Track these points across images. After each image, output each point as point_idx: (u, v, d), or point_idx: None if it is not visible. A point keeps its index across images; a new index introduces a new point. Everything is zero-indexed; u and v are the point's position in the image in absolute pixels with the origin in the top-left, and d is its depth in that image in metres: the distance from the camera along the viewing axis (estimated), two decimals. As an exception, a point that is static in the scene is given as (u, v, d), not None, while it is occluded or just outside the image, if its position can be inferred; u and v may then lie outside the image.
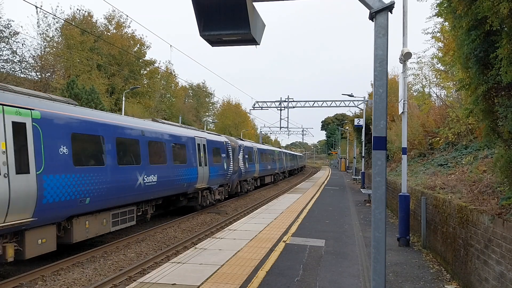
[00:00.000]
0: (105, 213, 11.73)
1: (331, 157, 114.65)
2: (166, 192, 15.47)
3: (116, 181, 11.83)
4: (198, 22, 4.49)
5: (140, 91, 51.13)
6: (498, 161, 5.73)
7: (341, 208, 17.77)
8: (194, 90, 78.00)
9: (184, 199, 17.79)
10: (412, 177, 13.42)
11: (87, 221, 10.92)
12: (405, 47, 9.96)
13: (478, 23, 5.42)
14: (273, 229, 12.11)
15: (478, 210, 6.14)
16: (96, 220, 11.35)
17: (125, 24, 52.54)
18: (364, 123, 29.95)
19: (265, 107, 43.72)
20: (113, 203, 11.91)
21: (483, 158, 10.01)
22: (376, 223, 4.32)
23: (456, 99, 16.26)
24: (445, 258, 8.04)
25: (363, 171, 30.24)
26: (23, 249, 8.77)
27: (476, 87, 5.85)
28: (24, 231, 8.82)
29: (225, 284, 6.84)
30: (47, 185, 9.15)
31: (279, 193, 29.83)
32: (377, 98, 4.34)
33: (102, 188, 11.14)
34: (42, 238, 9.37)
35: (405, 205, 10.32)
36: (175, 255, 11.28)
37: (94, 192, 10.77)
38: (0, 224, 7.91)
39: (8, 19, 38.25)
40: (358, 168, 39.40)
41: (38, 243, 9.23)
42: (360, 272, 7.80)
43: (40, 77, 37.18)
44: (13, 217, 8.24)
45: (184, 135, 17.49)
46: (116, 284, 8.86)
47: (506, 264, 5.07)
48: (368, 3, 4.29)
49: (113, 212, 12.09)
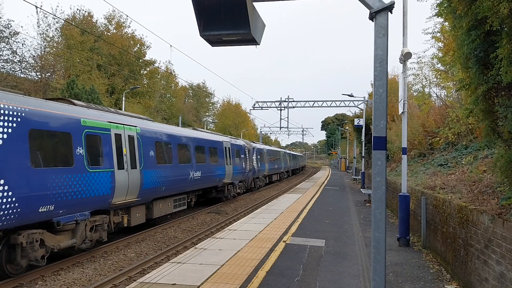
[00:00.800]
0: (170, 199, 15.95)
1: (331, 157, 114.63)
2: (205, 185, 19.76)
3: (178, 175, 16.15)
4: (198, 22, 4.49)
5: (140, 91, 51.11)
6: (498, 161, 5.73)
7: (341, 208, 17.76)
8: (194, 90, 77.99)
9: (214, 192, 21.98)
10: (412, 177, 13.42)
11: (160, 203, 15.06)
12: (405, 47, 9.96)
13: (478, 23, 5.42)
14: (273, 229, 12.11)
15: (478, 210, 6.14)
16: (165, 203, 15.55)
17: (125, 24, 52.59)
18: (364, 123, 29.95)
19: (265, 107, 43.71)
20: (175, 191, 16.09)
21: (483, 158, 10.01)
22: (376, 223, 4.32)
23: (456, 99, 16.27)
24: (445, 258, 8.03)
25: (363, 171, 30.24)
26: (130, 220, 12.80)
27: (476, 87, 5.85)
28: (130, 208, 12.87)
29: (225, 284, 6.84)
30: (145, 176, 13.30)
31: (279, 193, 29.82)
32: (377, 98, 4.34)
33: (170, 180, 15.31)
34: (138, 213, 13.45)
35: (405, 205, 10.32)
36: (175, 255, 11.28)
37: (166, 183, 14.94)
38: (122, 201, 12.08)
39: (8, 19, 38.30)
40: (358, 168, 39.41)
41: (137, 216, 13.32)
42: (360, 272, 7.80)
43: (40, 77, 37.18)
44: (129, 197, 12.46)
45: (215, 140, 22.05)
46: (116, 284, 8.86)
47: (506, 264, 5.07)
48: (368, 3, 4.29)
49: (174, 198, 16.33)
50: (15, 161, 8.31)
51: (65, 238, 10.02)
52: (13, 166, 8.24)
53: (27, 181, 8.55)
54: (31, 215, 8.67)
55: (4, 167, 8.04)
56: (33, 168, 8.76)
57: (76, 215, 10.05)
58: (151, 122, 15.35)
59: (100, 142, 11.32)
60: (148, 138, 13.99)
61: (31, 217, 8.71)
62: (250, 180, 29.48)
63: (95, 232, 11.05)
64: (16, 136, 8.38)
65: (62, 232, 9.86)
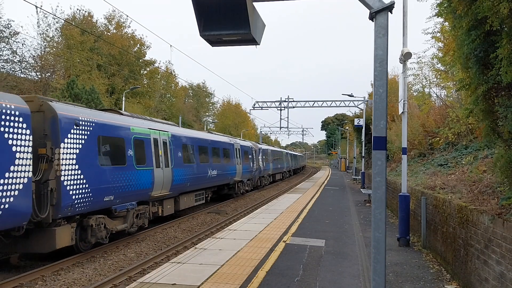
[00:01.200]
0: (192, 194, 18.24)
1: (331, 157, 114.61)
2: (220, 182, 22.20)
3: (199, 173, 18.59)
4: (198, 22, 4.49)
5: (140, 91, 51.10)
6: (498, 161, 5.72)
7: (341, 208, 17.77)
8: (194, 90, 77.98)
9: (226, 189, 24.30)
10: (412, 177, 13.42)
11: (185, 197, 17.42)
12: (405, 47, 9.96)
13: (478, 23, 5.42)
14: (273, 229, 12.11)
15: (478, 210, 6.13)
16: (189, 197, 17.88)
17: (125, 24, 52.58)
18: (364, 123, 29.94)
19: (265, 107, 43.63)
20: (196, 187, 18.47)
21: (483, 158, 10.01)
22: (376, 223, 4.32)
23: (456, 99, 16.26)
24: (445, 258, 8.03)
25: (363, 171, 30.23)
26: (163, 210, 15.09)
27: (476, 87, 5.85)
28: (163, 200, 15.12)
29: (225, 284, 6.84)
30: (175, 174, 15.66)
31: (279, 193, 29.82)
32: (377, 98, 4.34)
33: (193, 177, 17.76)
34: (169, 205, 15.76)
35: (405, 205, 10.32)
36: (175, 255, 11.28)
37: (190, 180, 17.36)
38: (158, 194, 14.37)
39: (8, 19, 38.35)
40: (358, 168, 39.41)
41: (167, 207, 15.55)
42: (360, 272, 7.80)
43: (40, 77, 37.20)
44: (163, 191, 14.73)
45: (228, 142, 24.63)
46: (116, 284, 8.86)
47: (506, 264, 5.07)
48: (368, 3, 4.29)
49: (195, 193, 18.65)
50: (89, 161, 10.67)
51: (119, 223, 12.33)
52: (89, 165, 10.61)
53: (97, 177, 10.93)
54: (99, 203, 11.08)
55: (83, 166, 10.35)
56: (101, 166, 11.13)
57: (127, 204, 12.40)
58: (178, 128, 18.56)
59: (143, 145, 13.66)
60: (177, 141, 16.54)
61: (99, 205, 11.12)
62: (257, 179, 31.66)
63: (139, 219, 13.40)
64: (90, 142, 10.79)
65: (117, 218, 12.22)
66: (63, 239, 9.85)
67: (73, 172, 10.01)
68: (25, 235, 9.28)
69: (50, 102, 9.95)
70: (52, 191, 9.39)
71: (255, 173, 30.54)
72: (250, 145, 30.41)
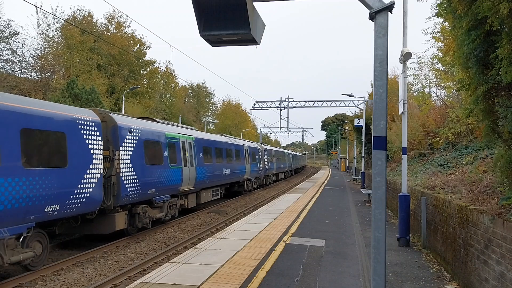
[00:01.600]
0: (210, 189, 20.84)
1: (331, 157, 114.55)
2: (232, 180, 24.87)
3: (216, 171, 21.24)
4: (198, 22, 4.49)
5: (140, 91, 51.06)
6: (498, 161, 5.72)
7: (341, 208, 17.76)
8: (194, 90, 77.94)
9: (236, 186, 26.90)
10: (412, 177, 13.42)
11: (205, 192, 19.99)
12: (405, 47, 9.96)
13: (478, 23, 5.42)
14: (273, 229, 12.11)
15: (478, 210, 6.13)
16: (207, 192, 20.51)
17: (125, 24, 52.51)
18: (364, 123, 29.93)
19: (265, 107, 43.64)
20: (213, 184, 21.01)
21: (483, 158, 10.01)
22: (376, 223, 4.32)
23: (456, 99, 16.26)
24: (445, 258, 8.03)
25: (363, 171, 30.22)
26: (188, 203, 17.64)
27: (476, 87, 5.84)
28: (188, 194, 17.66)
29: (225, 284, 6.84)
30: (198, 172, 18.28)
31: (279, 193, 29.82)
32: (377, 98, 4.34)
33: (212, 175, 20.39)
34: (192, 199, 18.30)
35: (405, 205, 10.32)
36: (175, 255, 11.28)
37: (209, 177, 19.99)
38: (185, 189, 16.95)
39: (8, 19, 38.34)
40: (358, 168, 39.40)
41: (191, 200, 18.15)
42: (360, 272, 7.80)
43: (40, 77, 37.19)
44: (189, 186, 17.37)
45: (238, 144, 27.46)
46: (116, 284, 8.85)
47: (506, 264, 5.07)
48: (368, 3, 4.29)
49: (212, 189, 21.17)
50: (139, 161, 13.18)
51: (158, 212, 14.75)
52: (138, 164, 13.11)
53: (144, 173, 13.42)
54: (145, 195, 13.56)
55: (135, 164, 12.87)
56: (146, 165, 13.64)
57: (163, 197, 14.90)
58: (199, 132, 21.88)
59: (175, 148, 16.27)
60: (199, 144, 19.18)
61: (145, 196, 13.60)
62: (263, 177, 34.46)
63: (171, 210, 15.79)
64: (139, 145, 13.31)
65: (156, 208, 14.64)
66: (120, 223, 12.31)
67: (128, 170, 12.51)
68: (90, 220, 11.55)
69: (111, 114, 12.43)
70: (114, 184, 11.91)
71: (261, 172, 33.32)
72: (257, 146, 33.21)
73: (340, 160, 78.39)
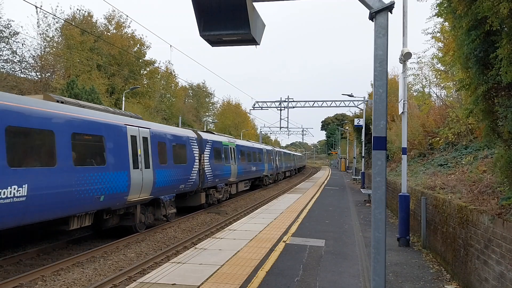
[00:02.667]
0: (242, 182, 27.80)
1: (331, 157, 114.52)
2: (256, 175, 32.14)
3: (247, 168, 28.40)
4: (198, 22, 4.49)
5: (140, 91, 51.05)
6: (498, 161, 5.72)
7: (341, 208, 17.76)
8: (194, 90, 77.94)
9: (257, 181, 34.06)
10: (412, 177, 13.42)
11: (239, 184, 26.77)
12: (405, 47, 9.96)
13: (478, 23, 5.42)
14: (273, 229, 12.11)
15: (478, 210, 6.14)
16: (241, 184, 27.37)
17: (125, 24, 52.52)
18: (364, 123, 29.93)
19: (265, 107, 43.68)
20: (245, 178, 28.07)
21: (483, 158, 10.01)
22: (376, 223, 4.32)
23: (456, 99, 16.26)
24: (445, 258, 8.04)
25: (363, 171, 30.22)
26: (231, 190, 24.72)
27: (476, 87, 5.84)
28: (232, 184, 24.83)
29: (225, 284, 6.84)
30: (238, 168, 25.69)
31: (279, 193, 29.83)
32: (377, 98, 4.34)
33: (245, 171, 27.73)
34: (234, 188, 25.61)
35: (405, 205, 10.32)
36: (175, 255, 11.27)
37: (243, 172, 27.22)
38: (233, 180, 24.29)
39: (8, 19, 38.34)
40: (358, 168, 39.41)
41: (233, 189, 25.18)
42: (360, 272, 7.80)
43: (40, 77, 37.20)
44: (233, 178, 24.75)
45: (260, 147, 35.07)
46: (116, 284, 8.85)
47: (506, 264, 5.07)
48: (368, 3, 4.29)
49: (244, 182, 28.22)
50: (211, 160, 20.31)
51: (219, 194, 21.69)
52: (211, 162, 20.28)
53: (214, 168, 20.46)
54: (214, 182, 20.64)
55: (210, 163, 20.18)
56: (215, 163, 20.67)
57: (222, 184, 22.06)
58: (238, 140, 28.81)
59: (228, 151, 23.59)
60: (238, 148, 26.30)
61: (213, 183, 20.69)
62: (275, 174, 41.07)
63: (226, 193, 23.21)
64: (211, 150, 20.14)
65: (218, 191, 21.48)
66: (203, 199, 19.58)
67: (207, 166, 19.64)
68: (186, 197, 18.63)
69: (199, 131, 20.42)
70: (201, 175, 18.92)
71: (275, 170, 40.65)
72: (271, 148, 41.40)
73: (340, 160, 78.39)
